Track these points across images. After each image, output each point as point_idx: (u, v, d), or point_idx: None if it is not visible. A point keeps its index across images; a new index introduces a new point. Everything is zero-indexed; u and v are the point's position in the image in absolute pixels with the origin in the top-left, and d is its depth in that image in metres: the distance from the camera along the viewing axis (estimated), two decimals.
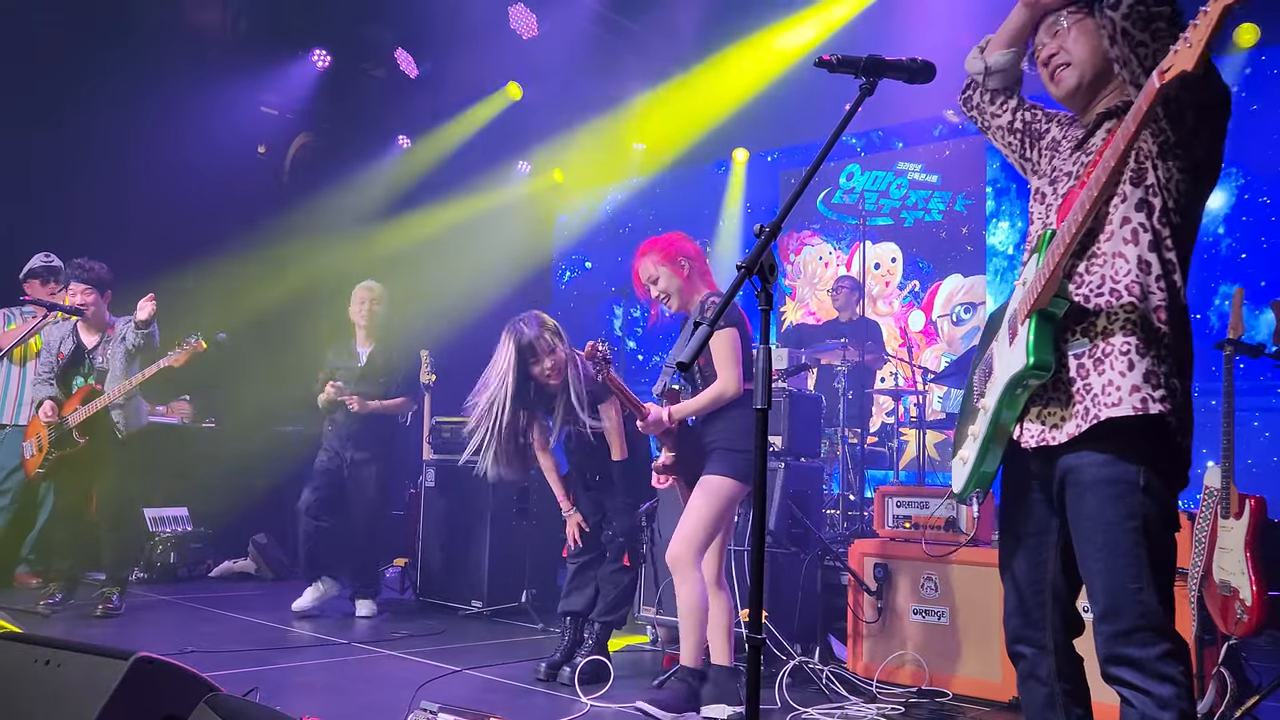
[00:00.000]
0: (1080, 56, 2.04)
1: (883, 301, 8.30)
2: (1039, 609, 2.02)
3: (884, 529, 4.30)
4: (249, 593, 6.33)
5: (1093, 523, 1.85)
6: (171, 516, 6.89)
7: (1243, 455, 4.54)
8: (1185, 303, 1.91)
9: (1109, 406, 1.83)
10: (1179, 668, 1.79)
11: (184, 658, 2.34)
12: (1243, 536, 3.15)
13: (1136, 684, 1.80)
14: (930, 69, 2.12)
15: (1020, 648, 2.05)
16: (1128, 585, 1.81)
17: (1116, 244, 1.90)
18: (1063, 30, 2.08)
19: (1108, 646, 1.84)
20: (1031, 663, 2.03)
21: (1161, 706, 1.77)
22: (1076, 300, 1.91)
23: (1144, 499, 1.82)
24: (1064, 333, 1.92)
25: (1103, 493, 1.84)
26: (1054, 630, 2.00)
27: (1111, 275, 1.89)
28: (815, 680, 3.97)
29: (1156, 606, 1.80)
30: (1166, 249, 1.89)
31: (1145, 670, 1.80)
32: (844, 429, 5.97)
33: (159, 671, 1.97)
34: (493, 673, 4.20)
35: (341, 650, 4.57)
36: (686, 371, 3.60)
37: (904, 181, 8.21)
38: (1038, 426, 1.95)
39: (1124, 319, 1.86)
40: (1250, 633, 3.10)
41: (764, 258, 1.80)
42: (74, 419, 5.10)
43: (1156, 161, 1.89)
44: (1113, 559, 1.82)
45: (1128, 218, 1.90)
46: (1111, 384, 1.84)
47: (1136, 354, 1.83)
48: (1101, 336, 1.87)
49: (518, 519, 5.79)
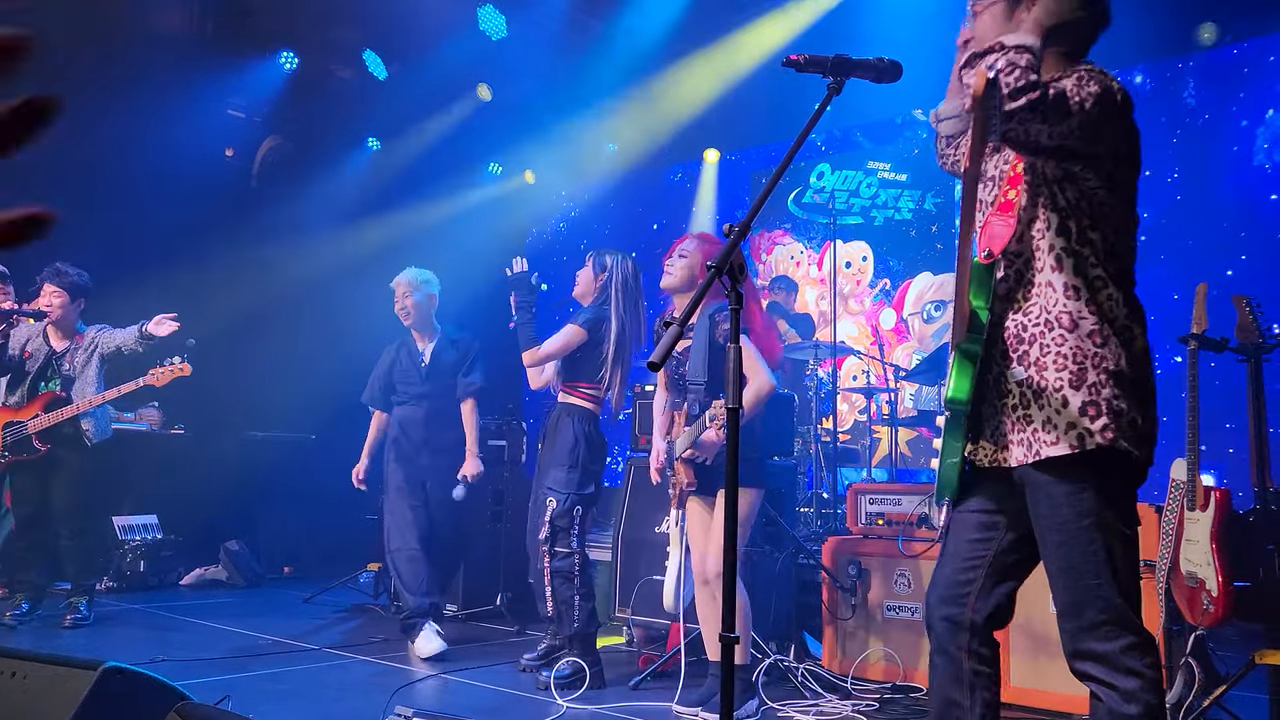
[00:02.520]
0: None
1: (854, 300, 8.34)
2: (967, 585, 2.00)
3: (857, 526, 4.33)
4: (221, 600, 6.27)
5: (1049, 522, 1.87)
6: (141, 524, 6.80)
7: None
8: (1132, 308, 1.91)
9: (1048, 445, 1.86)
10: (1144, 660, 1.80)
11: (154, 667, 2.32)
12: (1209, 528, 3.19)
13: (1102, 678, 1.81)
14: (897, 68, 2.13)
15: (936, 621, 2.04)
16: (1087, 581, 1.83)
17: (1046, 273, 1.91)
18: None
19: (1072, 642, 1.86)
20: (944, 637, 2.02)
21: (1127, 699, 1.78)
22: (1012, 330, 1.94)
23: (1098, 497, 1.84)
24: (1006, 359, 1.94)
25: (1057, 492, 1.86)
26: (975, 610, 1.99)
27: (1044, 305, 1.91)
28: (791, 678, 3.98)
29: (1118, 600, 1.82)
30: (1092, 267, 1.89)
31: (1110, 664, 1.81)
32: (816, 426, 6.00)
33: (128, 681, 1.95)
34: (469, 676, 4.18)
35: (315, 656, 4.54)
36: (658, 370, 3.59)
37: (874, 180, 8.26)
38: (990, 446, 1.98)
39: (1055, 352, 1.88)
40: (1217, 623, 3.14)
41: (734, 257, 1.80)
42: (34, 425, 5.02)
43: (1057, 187, 1.90)
44: (1070, 556, 1.84)
45: (1052, 245, 1.91)
46: (1049, 421, 1.87)
47: (1070, 388, 1.85)
48: (1036, 368, 1.90)
49: (492, 522, 5.78)
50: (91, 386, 5.13)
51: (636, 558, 4.79)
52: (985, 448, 1.99)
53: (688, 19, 7.10)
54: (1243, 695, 3.27)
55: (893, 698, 3.84)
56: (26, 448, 5.05)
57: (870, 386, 6.68)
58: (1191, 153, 6.45)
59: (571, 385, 4.29)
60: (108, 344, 5.16)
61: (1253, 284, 4.56)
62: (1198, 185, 6.40)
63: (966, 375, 1.93)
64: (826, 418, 6.10)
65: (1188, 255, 6.22)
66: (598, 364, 4.24)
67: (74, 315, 5.22)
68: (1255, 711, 3.29)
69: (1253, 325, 3.31)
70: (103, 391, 5.11)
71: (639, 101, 7.86)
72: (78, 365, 5.17)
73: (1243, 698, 3.29)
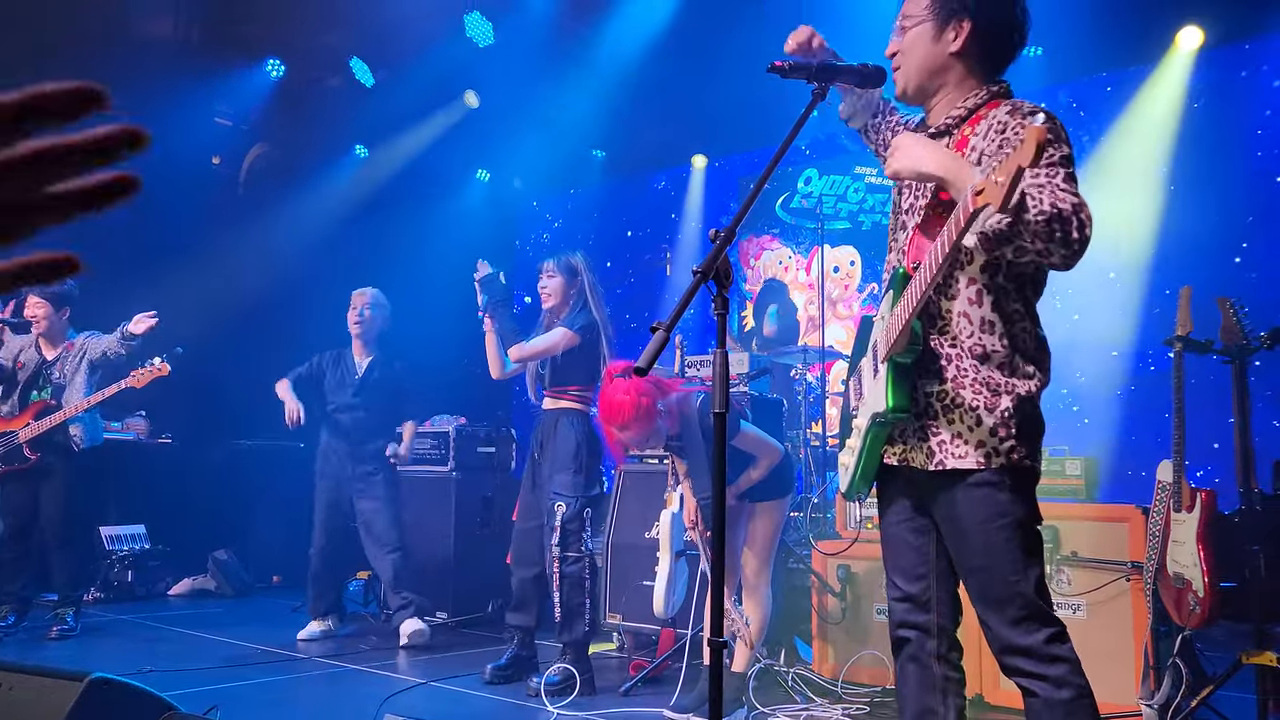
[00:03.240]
0: (912, 61, 2.07)
1: (843, 304, 8.37)
2: (925, 592, 2.06)
3: (846, 530, 4.34)
4: (210, 610, 6.24)
5: (964, 524, 1.93)
6: (128, 534, 6.76)
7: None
8: (1039, 340, 1.97)
9: (955, 458, 1.93)
10: (1065, 646, 1.88)
11: (142, 677, 2.30)
12: (1195, 530, 3.20)
13: (1031, 670, 1.88)
14: (881, 73, 2.14)
15: (904, 631, 2.09)
16: (1007, 578, 1.89)
17: (962, 304, 1.95)
18: (897, 30, 2.11)
19: (998, 640, 1.92)
20: (915, 645, 2.07)
21: (1058, 685, 1.86)
22: (931, 346, 1.97)
23: (1010, 496, 1.90)
24: (923, 368, 1.98)
25: (971, 495, 1.92)
26: (939, 615, 2.05)
27: (958, 333, 1.95)
28: (781, 682, 3.98)
29: (1034, 595, 1.89)
30: (1012, 301, 1.94)
31: (1036, 655, 1.87)
32: (805, 431, 6.01)
33: (116, 692, 1.94)
34: (459, 684, 4.17)
35: (304, 665, 4.52)
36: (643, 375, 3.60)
37: (861, 185, 8.28)
38: (900, 447, 2.03)
39: (972, 377, 1.93)
40: (1203, 624, 3.15)
41: (719, 262, 1.81)
42: (25, 434, 5.00)
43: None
44: (988, 556, 1.90)
45: (973, 278, 1.94)
46: (959, 437, 1.93)
47: (985, 410, 1.91)
48: (953, 385, 1.94)
49: (481, 529, 5.77)
50: (80, 393, 5.12)
51: (627, 563, 4.79)
52: (895, 449, 2.05)
53: (675, 25, 7.11)
54: (1230, 695, 3.29)
55: (883, 701, 3.85)
56: (18, 457, 5.03)
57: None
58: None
59: (561, 390, 4.29)
60: (95, 350, 5.17)
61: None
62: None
63: (905, 386, 1.96)
64: (816, 422, 6.11)
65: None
66: (588, 367, 4.24)
67: (61, 324, 5.22)
68: (1243, 711, 3.30)
69: (1236, 327, 3.33)
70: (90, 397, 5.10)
71: (626, 108, 7.86)
72: (68, 373, 5.17)
73: (1230, 698, 3.31)
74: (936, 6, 2.03)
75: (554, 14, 7.27)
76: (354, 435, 5.28)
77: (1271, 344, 3.31)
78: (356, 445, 5.27)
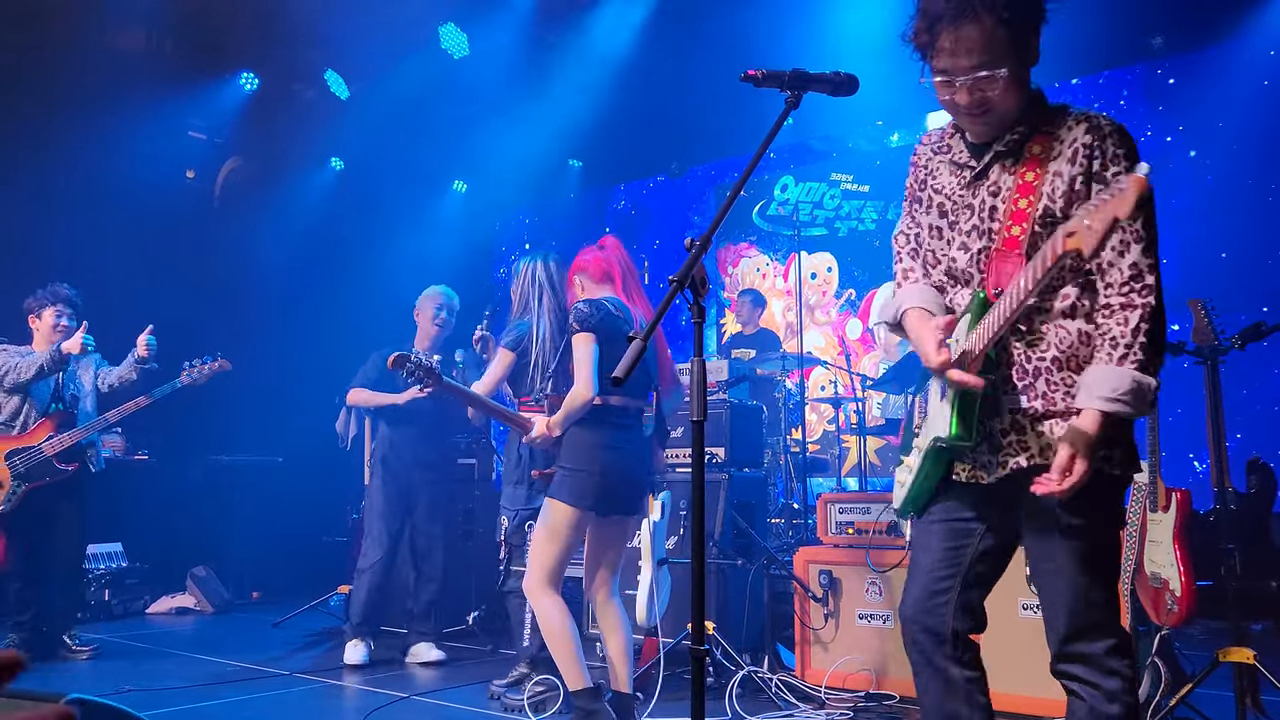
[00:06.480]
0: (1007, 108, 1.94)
1: (820, 311, 8.40)
2: (944, 594, 2.01)
3: (828, 535, 4.34)
4: (189, 628, 6.18)
5: (1066, 524, 1.88)
6: (105, 553, 6.69)
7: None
8: None
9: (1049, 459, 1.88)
10: (1125, 661, 1.85)
11: (120, 697, 2.28)
12: (1171, 529, 3.24)
13: (1085, 678, 1.86)
14: (853, 82, 2.15)
15: (917, 634, 2.03)
16: (1088, 584, 1.86)
17: (1057, 316, 1.92)
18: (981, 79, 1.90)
19: (1059, 644, 1.90)
20: (928, 650, 2.02)
21: (1109, 699, 1.83)
22: (1018, 361, 1.94)
23: (1090, 502, 1.85)
24: (1004, 385, 1.94)
25: (1049, 501, 1.86)
26: (955, 619, 2.00)
27: (1055, 343, 1.92)
28: (765, 689, 3.99)
29: (1103, 603, 1.86)
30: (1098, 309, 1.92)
31: (1093, 664, 1.85)
32: (786, 438, 6.03)
33: (92, 713, 1.92)
34: (440, 697, 4.15)
35: (285, 682, 4.48)
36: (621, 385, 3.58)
37: (837, 192, 8.33)
38: (969, 465, 1.99)
39: (1065, 390, 1.89)
40: (1181, 623, 3.18)
41: (695, 270, 1.81)
42: (51, 446, 4.90)
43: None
44: (1078, 561, 1.87)
45: (1068, 294, 1.92)
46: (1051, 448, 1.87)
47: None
48: (1044, 401, 1.91)
49: (463, 540, 5.74)
50: (90, 404, 5.15)
51: None
52: (964, 467, 2.00)
53: (647, 34, 7.14)
54: (1208, 693, 3.31)
55: (867, 706, 3.86)
56: (48, 470, 4.91)
57: (838, 396, 6.73)
58: None
59: (520, 400, 4.27)
60: (105, 380, 5.18)
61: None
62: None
63: (971, 415, 1.91)
64: (795, 428, 6.12)
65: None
66: (525, 378, 4.15)
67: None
68: (1221, 709, 3.33)
69: (1208, 328, 3.37)
70: (95, 418, 5.10)
71: (602, 117, 7.87)
72: (80, 385, 5.17)
73: (1209, 695, 3.34)
74: (1018, 44, 1.89)
75: (528, 25, 7.28)
76: (421, 444, 5.14)
77: (1243, 344, 3.36)
78: (424, 452, 5.14)
